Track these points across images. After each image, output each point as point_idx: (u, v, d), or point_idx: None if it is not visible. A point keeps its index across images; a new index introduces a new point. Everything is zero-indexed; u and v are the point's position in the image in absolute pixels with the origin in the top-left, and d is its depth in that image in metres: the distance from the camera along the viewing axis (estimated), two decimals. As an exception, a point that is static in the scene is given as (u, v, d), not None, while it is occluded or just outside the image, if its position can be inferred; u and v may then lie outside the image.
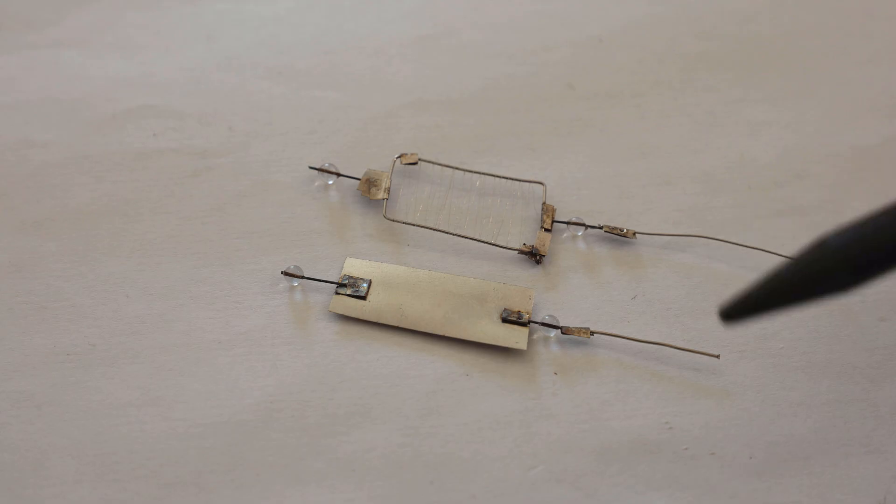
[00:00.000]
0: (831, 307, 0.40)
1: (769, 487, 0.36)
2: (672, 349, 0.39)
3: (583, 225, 0.42)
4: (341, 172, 0.44)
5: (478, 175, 0.44)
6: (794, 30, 0.51)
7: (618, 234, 0.42)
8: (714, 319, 0.40)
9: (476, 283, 0.40)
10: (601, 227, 0.42)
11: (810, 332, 0.40)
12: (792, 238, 0.42)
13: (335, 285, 0.40)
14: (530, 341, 0.39)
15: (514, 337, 0.39)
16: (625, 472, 0.36)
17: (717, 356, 0.38)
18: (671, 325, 0.40)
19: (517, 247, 0.42)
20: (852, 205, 0.43)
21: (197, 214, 0.42)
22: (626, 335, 0.39)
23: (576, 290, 0.41)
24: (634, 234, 0.42)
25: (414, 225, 0.42)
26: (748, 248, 0.42)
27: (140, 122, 0.45)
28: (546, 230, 0.42)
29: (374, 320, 0.39)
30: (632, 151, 0.45)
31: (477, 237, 0.42)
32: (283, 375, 0.38)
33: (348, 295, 0.39)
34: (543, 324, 0.39)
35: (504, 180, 0.44)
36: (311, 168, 0.44)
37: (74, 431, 0.36)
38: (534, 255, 0.41)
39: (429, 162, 0.44)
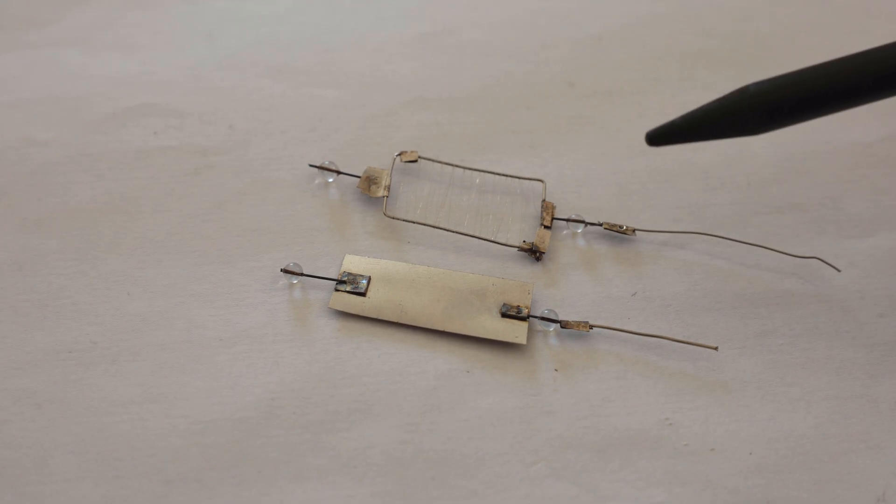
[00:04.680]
0: (830, 304, 0.40)
1: (768, 483, 0.36)
2: (671, 345, 0.39)
3: (582, 222, 0.42)
4: (341, 170, 0.44)
5: (478, 172, 0.44)
6: (792, 28, 0.51)
7: (617, 232, 0.42)
8: (715, 316, 0.40)
9: (475, 278, 0.40)
10: (601, 225, 0.42)
11: (810, 329, 0.40)
12: (792, 235, 0.42)
13: (335, 282, 0.40)
14: (530, 336, 0.39)
15: (514, 331, 0.39)
16: (625, 468, 0.36)
17: (716, 348, 0.38)
18: (671, 321, 0.40)
19: (517, 244, 0.42)
20: (852, 202, 0.44)
21: (198, 212, 0.42)
22: (624, 328, 0.39)
23: (576, 287, 0.41)
24: (634, 231, 0.42)
25: (414, 222, 0.42)
26: (748, 245, 0.42)
27: (141, 121, 0.45)
28: (546, 227, 0.42)
29: (374, 316, 0.39)
30: (631, 149, 0.45)
31: (477, 234, 0.42)
32: (284, 372, 0.38)
33: (348, 292, 0.40)
34: (543, 318, 0.39)
35: (504, 178, 0.44)
36: (311, 166, 0.44)
37: (76, 429, 0.36)
38: (534, 253, 0.41)
39: (429, 160, 0.44)
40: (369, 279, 0.40)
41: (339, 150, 0.45)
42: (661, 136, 0.36)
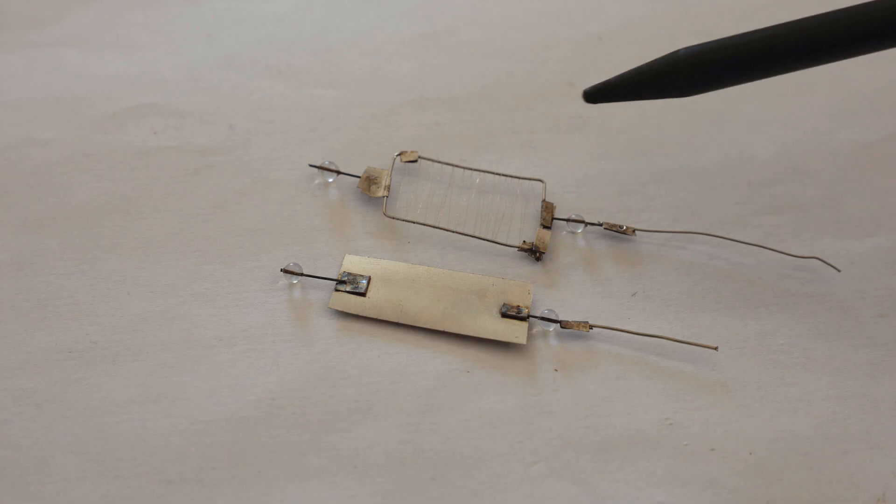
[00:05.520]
0: (830, 304, 0.40)
1: (769, 483, 0.36)
2: (671, 344, 0.39)
3: (582, 222, 0.42)
4: (341, 170, 0.44)
5: (478, 172, 0.44)
6: (793, 27, 0.51)
7: (617, 231, 0.42)
8: (715, 316, 0.40)
9: (475, 278, 0.40)
10: (601, 225, 0.42)
11: (810, 329, 0.40)
12: (791, 235, 0.42)
13: (335, 282, 0.40)
14: (530, 336, 0.39)
15: (514, 331, 0.39)
16: (625, 469, 0.36)
17: (716, 348, 0.38)
18: (671, 321, 0.40)
19: (517, 244, 0.42)
20: (851, 201, 0.44)
21: (198, 212, 0.42)
22: (624, 328, 0.39)
23: (576, 286, 0.41)
24: (634, 231, 0.42)
25: (414, 222, 0.42)
26: (748, 245, 0.42)
27: (141, 121, 0.45)
28: (546, 227, 0.42)
29: (374, 316, 0.39)
30: (631, 149, 0.46)
31: (477, 234, 0.42)
32: (284, 372, 0.38)
33: (348, 292, 0.40)
34: (543, 318, 0.39)
35: (504, 178, 0.44)
36: (311, 166, 0.44)
37: (76, 429, 0.36)
38: (534, 252, 0.41)
39: (429, 160, 0.44)
40: (369, 279, 0.40)
41: (339, 150, 0.45)
42: (597, 94, 0.39)
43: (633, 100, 0.39)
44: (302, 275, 0.40)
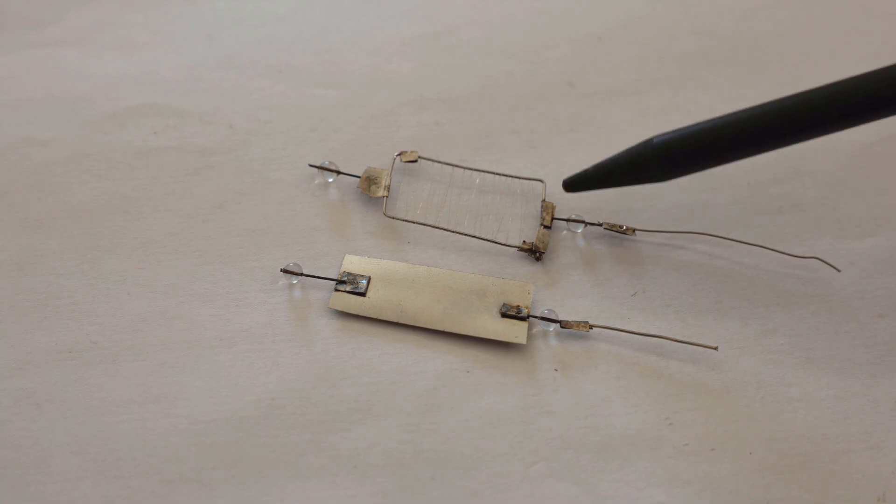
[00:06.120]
0: (830, 304, 0.40)
1: (769, 483, 0.36)
2: (671, 344, 0.39)
3: (582, 222, 0.42)
4: (341, 170, 0.44)
5: (478, 172, 0.44)
6: (792, 27, 0.51)
7: (617, 231, 0.42)
8: (715, 316, 0.40)
9: (475, 278, 0.40)
10: (601, 224, 0.42)
11: (810, 329, 0.40)
12: (792, 235, 0.42)
13: (335, 282, 0.40)
14: (530, 336, 0.39)
15: (514, 331, 0.39)
16: (625, 468, 0.36)
17: (716, 348, 0.38)
18: (671, 321, 0.40)
19: (517, 244, 0.42)
20: (851, 202, 0.44)
21: (198, 212, 0.42)
22: (624, 328, 0.39)
23: (576, 286, 0.41)
24: (634, 231, 0.42)
25: (414, 223, 0.42)
26: (748, 245, 0.42)
27: (141, 121, 0.45)
28: (546, 227, 0.42)
29: (374, 316, 0.39)
30: (631, 149, 0.45)
31: (477, 234, 0.42)
32: (284, 372, 0.38)
33: (348, 292, 0.40)
34: (543, 318, 0.39)
35: (504, 178, 0.44)
36: (311, 166, 0.44)
37: (76, 429, 0.36)
38: (534, 252, 0.41)
39: (429, 160, 0.44)
40: (369, 279, 0.40)
41: (340, 150, 0.45)
42: (575, 184, 0.41)
43: (611, 187, 0.40)
44: (302, 275, 0.40)
